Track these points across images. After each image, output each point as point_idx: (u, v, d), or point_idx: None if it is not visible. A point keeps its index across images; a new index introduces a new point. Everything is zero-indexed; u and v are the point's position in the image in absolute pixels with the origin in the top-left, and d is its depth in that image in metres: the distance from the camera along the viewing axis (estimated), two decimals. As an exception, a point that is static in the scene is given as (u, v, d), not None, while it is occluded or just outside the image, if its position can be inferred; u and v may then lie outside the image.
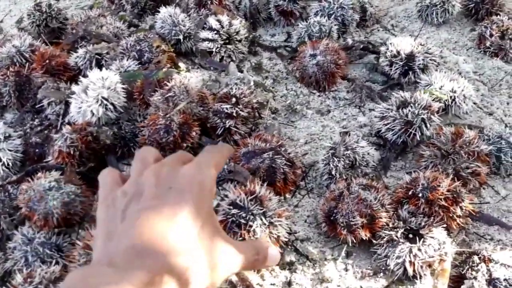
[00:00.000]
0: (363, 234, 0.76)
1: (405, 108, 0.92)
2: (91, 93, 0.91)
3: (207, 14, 1.20)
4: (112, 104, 0.93)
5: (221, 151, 0.66)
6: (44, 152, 0.92)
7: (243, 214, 0.73)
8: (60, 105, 0.97)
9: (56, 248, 0.76)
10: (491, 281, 0.70)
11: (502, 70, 1.15)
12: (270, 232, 0.74)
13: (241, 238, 0.72)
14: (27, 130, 0.96)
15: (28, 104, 1.01)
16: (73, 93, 0.93)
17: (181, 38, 1.16)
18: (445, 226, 0.77)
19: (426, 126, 0.92)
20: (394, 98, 0.96)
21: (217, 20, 1.15)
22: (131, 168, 0.61)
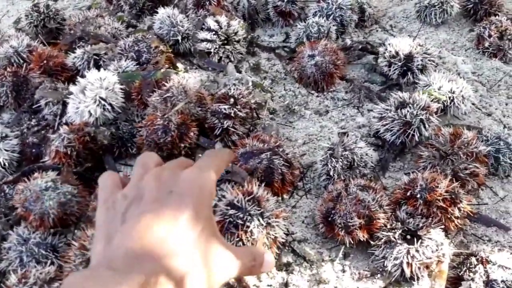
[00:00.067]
0: (361, 235, 0.76)
1: (404, 109, 0.92)
2: (89, 94, 0.91)
3: (206, 15, 1.20)
4: (110, 105, 0.92)
5: (221, 156, 0.67)
6: (41, 152, 0.92)
7: (241, 215, 0.73)
8: (58, 105, 0.96)
9: (52, 249, 0.76)
10: (489, 283, 0.70)
11: (501, 71, 1.15)
12: (268, 233, 0.73)
13: (238, 239, 0.72)
14: (24, 130, 0.96)
15: (25, 104, 1.00)
16: (71, 94, 0.93)
17: (180, 39, 1.16)
18: (443, 227, 0.76)
19: (425, 127, 0.91)
20: (393, 99, 0.95)
21: (216, 21, 1.15)
22: (132, 173, 0.61)
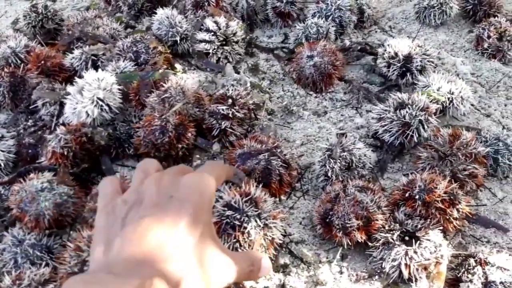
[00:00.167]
0: (359, 237, 0.76)
1: (403, 110, 0.91)
2: (87, 94, 0.90)
3: (204, 16, 1.19)
4: (108, 105, 0.92)
5: (222, 167, 0.67)
6: (37, 153, 0.91)
7: (238, 216, 0.72)
8: (55, 106, 0.96)
9: (47, 250, 0.75)
10: (487, 284, 0.70)
11: (500, 72, 1.14)
12: (265, 234, 0.73)
13: (236, 240, 0.71)
14: (21, 131, 0.96)
15: (22, 105, 1.00)
16: (68, 94, 0.93)
17: (178, 40, 1.15)
18: (442, 229, 0.76)
19: (424, 128, 0.91)
20: (392, 100, 0.95)
21: (214, 22, 1.15)
22: (132, 178, 0.61)
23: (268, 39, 1.28)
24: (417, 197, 0.78)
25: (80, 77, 0.95)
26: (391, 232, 0.75)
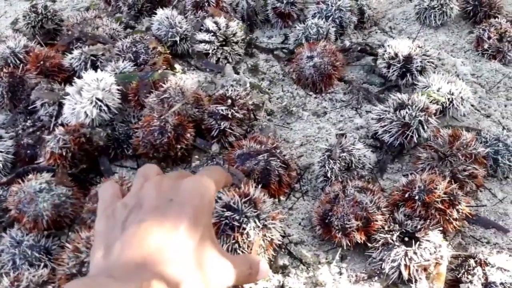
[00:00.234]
0: (358, 237, 0.75)
1: (403, 110, 0.91)
2: (86, 94, 0.90)
3: (204, 16, 1.19)
4: (107, 106, 0.92)
5: (222, 173, 0.67)
6: (36, 154, 0.91)
7: (237, 217, 0.72)
8: (54, 106, 0.96)
9: (45, 251, 0.75)
10: (487, 285, 0.69)
11: (500, 73, 1.14)
12: (264, 235, 0.73)
13: (234, 241, 0.71)
14: (19, 132, 0.95)
15: (21, 105, 1.00)
16: (67, 94, 0.93)
17: (178, 40, 1.15)
18: (442, 229, 0.76)
19: (423, 128, 0.91)
20: (391, 100, 0.95)
21: (214, 22, 1.15)
22: (133, 182, 0.61)
23: (268, 40, 1.28)
24: (417, 198, 0.77)
25: (79, 78, 0.95)
26: (391, 233, 0.75)
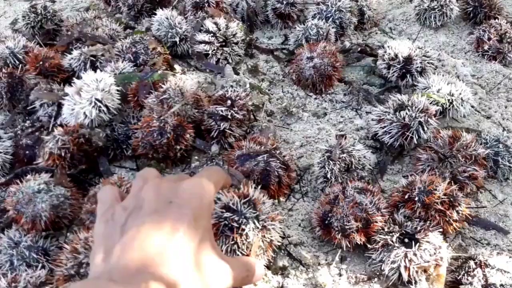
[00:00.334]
0: (358, 239, 0.75)
1: (403, 111, 0.91)
2: (85, 95, 0.90)
3: (204, 17, 1.19)
4: (106, 106, 0.91)
5: (221, 172, 0.67)
6: (35, 154, 0.91)
7: (236, 218, 0.71)
8: (53, 107, 0.95)
9: (43, 252, 0.75)
10: (487, 287, 0.69)
11: (500, 74, 1.14)
12: (263, 236, 0.72)
13: (233, 242, 0.71)
14: (18, 132, 0.95)
15: (20, 106, 0.99)
16: (66, 95, 0.92)
17: (178, 41, 1.15)
18: (441, 231, 0.76)
19: (423, 129, 0.91)
20: (391, 101, 0.95)
21: (214, 23, 1.14)
22: (132, 185, 0.61)
23: (268, 40, 1.28)
24: (417, 199, 0.77)
25: (79, 78, 0.95)
26: (391, 234, 0.74)
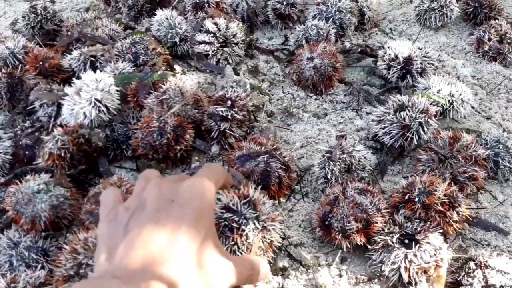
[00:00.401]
0: (358, 239, 0.75)
1: (403, 112, 0.91)
2: (84, 95, 0.89)
3: (204, 17, 1.19)
4: (106, 106, 0.91)
5: (221, 170, 0.68)
6: (34, 155, 0.90)
7: (236, 218, 0.71)
8: (53, 107, 0.95)
9: (43, 253, 0.74)
10: (488, 288, 0.69)
11: (501, 74, 1.14)
12: (263, 237, 0.72)
13: (233, 243, 0.70)
14: (18, 132, 0.94)
15: (20, 106, 0.99)
16: (66, 95, 0.92)
17: (178, 41, 1.15)
18: (442, 231, 0.75)
19: (424, 130, 0.90)
20: (392, 102, 0.95)
21: (214, 23, 1.14)
22: (134, 186, 0.62)
23: (268, 41, 1.27)
24: (417, 200, 0.77)
25: (79, 78, 0.94)
26: (391, 235, 0.74)
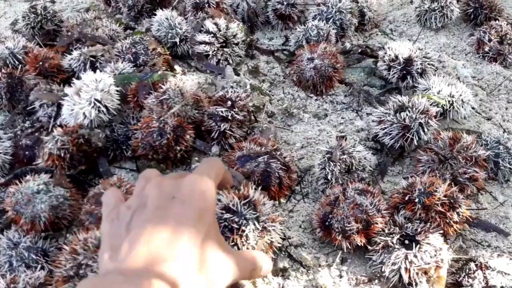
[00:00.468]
0: (359, 240, 0.75)
1: (403, 113, 0.91)
2: (84, 95, 0.89)
3: (204, 17, 1.19)
4: (105, 107, 0.91)
5: (220, 164, 0.68)
6: (34, 155, 0.90)
7: (236, 219, 0.71)
8: (52, 107, 0.95)
9: (42, 253, 0.74)
10: (488, 289, 0.69)
11: (501, 75, 1.14)
12: (263, 237, 0.72)
13: (233, 243, 0.70)
14: (18, 132, 0.94)
15: (20, 106, 0.99)
16: (66, 95, 0.92)
17: (178, 41, 1.15)
18: (442, 232, 0.75)
19: (424, 131, 0.90)
20: (392, 103, 0.95)
21: (214, 23, 1.14)
22: (135, 186, 0.63)
23: (269, 41, 1.27)
24: (417, 201, 0.77)
25: (79, 79, 0.94)
26: (391, 236, 0.74)
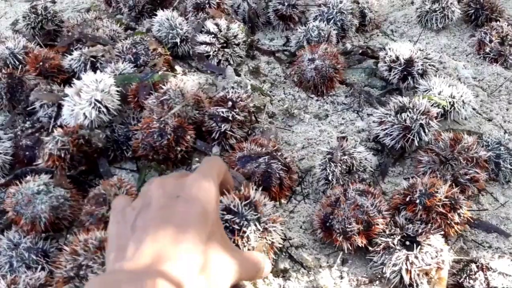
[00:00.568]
0: (359, 241, 0.75)
1: (404, 113, 0.91)
2: (85, 96, 0.89)
3: (205, 18, 1.19)
4: (106, 107, 0.91)
5: (221, 162, 0.68)
6: (35, 155, 0.90)
7: (237, 220, 0.71)
8: (53, 108, 0.95)
9: (43, 254, 0.74)
10: (489, 290, 0.69)
11: (502, 76, 1.14)
12: (264, 238, 0.72)
13: (235, 244, 0.70)
14: (18, 133, 0.94)
15: (20, 106, 0.99)
16: (66, 96, 0.92)
17: (178, 42, 1.15)
18: (443, 233, 0.75)
19: (425, 132, 0.90)
20: (393, 103, 0.95)
21: (215, 24, 1.14)
22: (141, 190, 0.63)
23: (270, 42, 1.27)
24: (418, 202, 0.77)
25: (79, 79, 0.94)
26: (392, 237, 0.74)
